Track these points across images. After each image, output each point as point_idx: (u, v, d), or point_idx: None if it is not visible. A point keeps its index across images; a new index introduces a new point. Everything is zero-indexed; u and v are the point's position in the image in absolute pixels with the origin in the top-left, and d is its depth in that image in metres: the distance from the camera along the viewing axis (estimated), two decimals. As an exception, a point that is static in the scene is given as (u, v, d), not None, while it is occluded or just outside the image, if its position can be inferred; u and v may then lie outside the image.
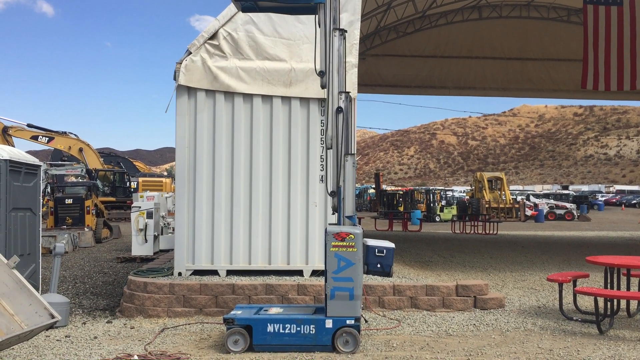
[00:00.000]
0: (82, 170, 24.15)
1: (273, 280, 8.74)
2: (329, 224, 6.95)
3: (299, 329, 6.52)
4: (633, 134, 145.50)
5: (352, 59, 9.01)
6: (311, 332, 6.52)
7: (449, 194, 49.46)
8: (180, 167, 9.23)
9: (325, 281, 6.58)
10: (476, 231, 25.55)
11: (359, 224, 7.00)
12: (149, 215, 14.52)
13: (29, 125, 27.60)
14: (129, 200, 30.82)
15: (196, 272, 9.12)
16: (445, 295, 8.63)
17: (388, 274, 9.39)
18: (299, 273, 9.18)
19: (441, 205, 39.30)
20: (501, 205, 38.50)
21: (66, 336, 7.37)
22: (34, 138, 27.89)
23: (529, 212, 38.76)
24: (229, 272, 9.14)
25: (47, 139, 28.12)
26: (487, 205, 37.22)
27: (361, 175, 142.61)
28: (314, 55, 6.98)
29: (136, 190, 34.26)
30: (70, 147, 28.80)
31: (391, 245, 9.75)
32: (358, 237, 6.58)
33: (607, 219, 41.22)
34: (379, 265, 9.41)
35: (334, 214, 6.95)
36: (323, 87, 6.83)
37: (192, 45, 9.24)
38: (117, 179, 34.80)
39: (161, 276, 9.08)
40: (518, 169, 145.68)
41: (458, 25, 22.77)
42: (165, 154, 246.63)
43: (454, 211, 36.83)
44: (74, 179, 24.05)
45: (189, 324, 7.95)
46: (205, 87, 9.20)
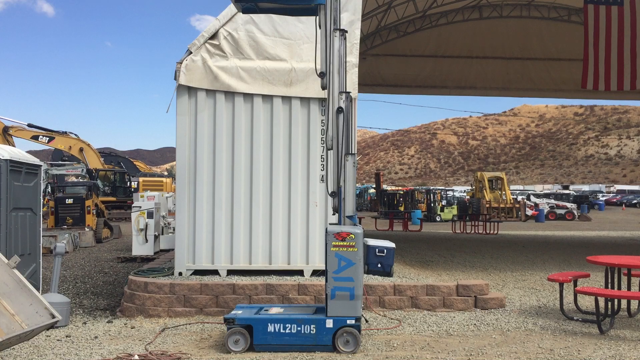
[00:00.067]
0: (82, 170, 24.13)
1: (273, 280, 8.73)
2: (330, 224, 6.94)
3: (299, 328, 6.52)
4: (634, 133, 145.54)
5: (353, 58, 9.00)
6: (312, 332, 6.52)
7: (450, 193, 49.49)
8: (180, 167, 9.23)
9: (326, 281, 6.58)
10: (477, 231, 25.52)
11: (360, 223, 7.00)
12: (150, 215, 14.52)
13: (30, 125, 27.61)
14: (129, 200, 30.81)
15: (197, 272, 9.12)
16: (445, 295, 8.63)
17: (388, 273, 9.45)
18: (300, 273, 9.18)
19: (442, 205, 39.30)
20: (502, 205, 38.52)
21: (67, 336, 7.37)
22: (35, 138, 27.92)
23: (529, 212, 38.79)
24: (230, 272, 9.14)
25: (47, 138, 28.15)
26: (487, 205, 37.22)
27: (361, 175, 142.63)
28: (315, 56, 6.98)
29: (137, 190, 34.25)
30: (70, 147, 28.83)
31: (392, 245, 9.80)
32: (359, 237, 6.57)
33: (608, 219, 41.22)
34: (379, 265, 9.46)
35: (334, 215, 6.94)
36: (324, 88, 6.82)
37: (193, 45, 9.24)
38: (118, 179, 34.84)
39: (162, 276, 9.08)
40: (519, 169, 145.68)
41: (459, 25, 22.78)
42: (166, 154, 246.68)
43: (454, 211, 36.85)
44: (74, 179, 24.03)
45: (189, 323, 7.95)
46: (205, 87, 9.19)
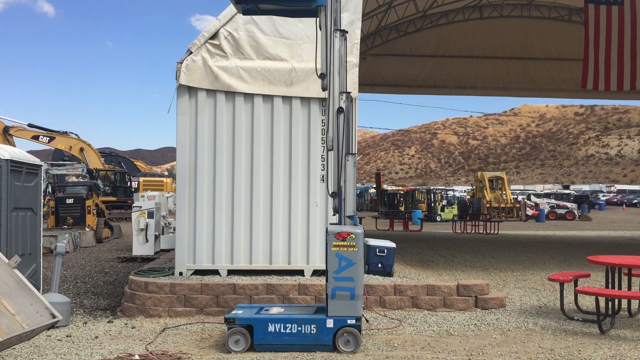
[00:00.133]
0: (83, 170, 24.11)
1: (274, 280, 8.73)
2: (330, 224, 6.94)
3: (300, 328, 6.52)
4: (634, 133, 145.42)
5: (353, 58, 9.00)
6: (312, 331, 6.52)
7: (450, 193, 49.49)
8: (181, 167, 9.23)
9: (326, 281, 6.58)
10: (477, 231, 25.53)
11: (360, 223, 6.99)
12: (150, 215, 14.53)
13: (30, 125, 27.63)
14: (129, 200, 30.85)
15: (197, 272, 9.11)
16: (446, 295, 8.63)
17: (389, 273, 9.45)
18: (300, 273, 9.18)
19: (442, 205, 39.32)
20: (502, 205, 38.52)
21: (67, 336, 7.37)
22: (35, 138, 27.94)
23: (530, 212, 38.79)
24: (230, 272, 9.14)
25: (48, 138, 28.16)
26: (488, 205, 37.23)
27: (362, 175, 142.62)
28: (315, 57, 6.97)
29: (137, 190, 34.28)
30: (71, 146, 28.84)
31: (392, 245, 9.80)
32: (359, 237, 6.57)
33: (608, 219, 41.21)
34: (380, 265, 9.46)
35: (335, 215, 6.94)
36: (324, 89, 6.81)
37: (193, 45, 9.24)
38: (118, 179, 34.87)
39: (162, 276, 9.08)
40: (519, 169, 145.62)
41: (459, 24, 22.77)
42: (166, 154, 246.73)
43: (454, 211, 36.87)
44: (74, 179, 24.03)
45: (190, 323, 7.96)
46: (206, 87, 9.19)
